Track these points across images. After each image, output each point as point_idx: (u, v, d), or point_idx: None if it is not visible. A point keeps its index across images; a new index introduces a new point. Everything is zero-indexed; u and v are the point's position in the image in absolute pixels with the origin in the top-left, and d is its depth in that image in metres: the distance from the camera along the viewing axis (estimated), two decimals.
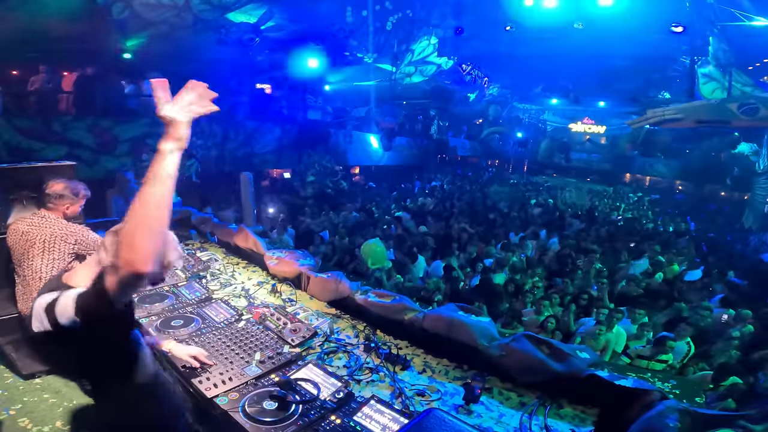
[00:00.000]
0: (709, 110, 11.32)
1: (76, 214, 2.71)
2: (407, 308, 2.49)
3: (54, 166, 3.20)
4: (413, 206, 11.49)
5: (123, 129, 9.18)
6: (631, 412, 1.71)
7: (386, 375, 2.10)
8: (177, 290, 2.88)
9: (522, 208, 12.42)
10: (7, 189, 2.92)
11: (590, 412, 1.90)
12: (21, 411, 2.48)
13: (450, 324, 2.29)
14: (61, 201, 2.57)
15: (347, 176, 14.43)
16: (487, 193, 15.25)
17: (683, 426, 1.47)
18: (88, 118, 8.74)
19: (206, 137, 10.88)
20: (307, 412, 1.75)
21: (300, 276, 3.13)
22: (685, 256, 8.18)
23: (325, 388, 1.91)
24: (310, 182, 12.42)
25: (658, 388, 1.80)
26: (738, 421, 1.46)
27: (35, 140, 8.05)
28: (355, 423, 1.71)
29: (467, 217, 10.19)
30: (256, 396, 1.83)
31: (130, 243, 1.04)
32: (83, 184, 2.73)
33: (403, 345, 2.41)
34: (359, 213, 9.92)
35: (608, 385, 1.84)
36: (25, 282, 2.53)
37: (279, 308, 2.62)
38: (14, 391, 2.62)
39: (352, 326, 2.60)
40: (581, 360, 2.00)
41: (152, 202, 1.07)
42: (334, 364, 2.18)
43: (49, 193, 2.55)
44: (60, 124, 8.37)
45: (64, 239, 2.48)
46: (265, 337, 2.32)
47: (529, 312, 5.24)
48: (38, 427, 2.37)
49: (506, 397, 2.01)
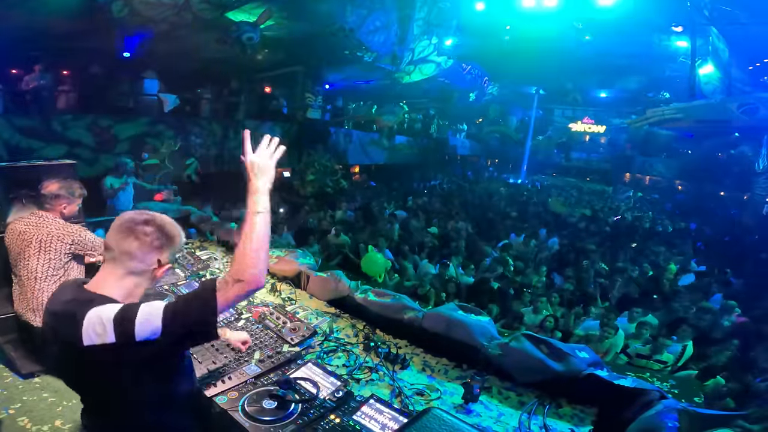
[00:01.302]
0: (709, 110, 11.33)
1: (74, 214, 2.69)
2: (406, 307, 2.49)
3: (54, 164, 3.20)
4: (412, 205, 11.49)
5: (122, 128, 9.17)
6: (629, 411, 1.72)
7: (385, 374, 2.10)
8: (176, 289, 2.88)
9: (521, 208, 12.43)
10: (6, 188, 2.91)
11: (589, 412, 1.90)
12: (20, 410, 2.48)
13: (449, 323, 2.29)
14: (57, 201, 2.55)
15: (347, 175, 14.43)
16: (487, 193, 15.26)
17: (682, 426, 1.48)
18: (87, 117, 8.73)
19: (206, 136, 10.88)
20: (306, 411, 1.75)
21: (299, 275, 3.13)
22: (684, 256, 8.20)
23: (325, 387, 1.91)
24: (310, 181, 12.41)
25: (657, 388, 1.80)
26: (736, 420, 1.46)
27: (35, 139, 8.04)
28: (354, 422, 1.71)
29: (466, 216, 10.20)
30: (256, 395, 1.83)
31: (255, 263, 1.25)
32: (79, 182, 2.72)
33: (402, 344, 2.41)
34: (355, 212, 9.91)
35: (607, 384, 1.84)
36: (21, 282, 2.52)
37: (278, 307, 2.62)
38: (14, 390, 2.62)
39: (351, 325, 2.60)
40: (580, 359, 2.00)
41: (264, 230, 1.30)
42: (333, 363, 2.18)
43: (45, 194, 2.53)
44: (59, 123, 8.36)
45: (61, 239, 2.47)
46: (265, 336, 2.32)
47: (528, 311, 5.25)
48: (38, 426, 2.38)
49: (505, 396, 2.01)
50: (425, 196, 13.33)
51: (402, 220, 9.25)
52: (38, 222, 2.49)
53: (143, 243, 1.30)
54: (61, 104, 8.97)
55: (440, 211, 10.88)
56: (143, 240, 1.30)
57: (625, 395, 1.78)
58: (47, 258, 2.45)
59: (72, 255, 2.53)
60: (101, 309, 1.19)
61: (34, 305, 2.47)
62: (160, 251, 1.33)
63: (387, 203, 11.55)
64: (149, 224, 1.32)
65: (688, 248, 8.93)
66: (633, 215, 13.64)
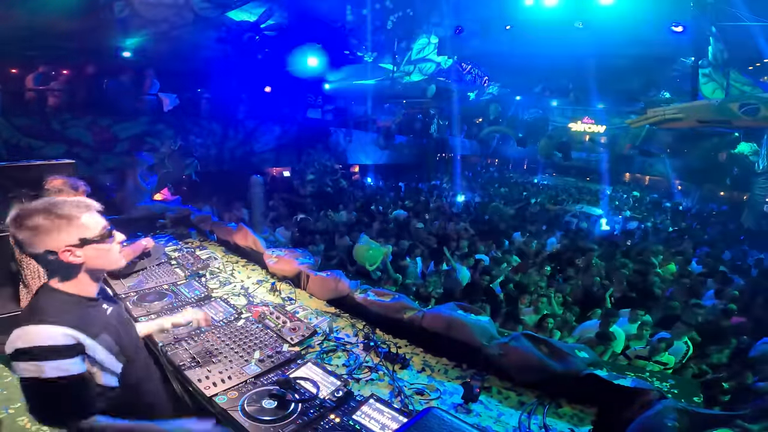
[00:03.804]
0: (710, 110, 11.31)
1: None
2: (406, 307, 2.49)
3: (53, 164, 3.20)
4: (411, 204, 11.49)
5: (122, 127, 9.17)
6: (629, 411, 1.72)
7: (385, 374, 2.10)
8: (176, 289, 2.89)
9: (521, 208, 12.44)
10: (6, 187, 2.91)
11: (589, 412, 1.90)
12: (20, 409, 2.48)
13: (449, 323, 2.29)
14: (60, 197, 2.55)
15: (347, 175, 14.43)
16: (486, 193, 15.27)
17: (681, 425, 1.48)
18: (87, 117, 8.72)
19: (206, 136, 10.87)
20: (306, 411, 1.75)
21: (299, 274, 3.13)
22: (683, 255, 8.20)
23: (325, 386, 1.91)
24: (310, 181, 12.42)
25: (657, 388, 1.80)
26: (735, 420, 1.46)
27: (34, 138, 8.04)
28: (354, 422, 1.71)
29: (466, 216, 10.20)
30: (256, 395, 1.83)
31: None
32: (83, 180, 2.72)
33: (402, 344, 2.41)
34: (356, 212, 9.91)
35: (607, 384, 1.84)
36: (25, 281, 2.53)
37: (278, 307, 2.62)
38: (14, 390, 2.63)
39: (351, 325, 2.61)
40: (580, 359, 2.00)
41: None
42: (333, 363, 2.18)
43: (48, 189, 2.53)
44: (59, 123, 8.36)
45: None
46: (265, 336, 2.32)
47: (528, 311, 5.25)
48: (37, 426, 2.38)
49: (505, 396, 2.01)
50: (425, 197, 13.33)
51: (402, 220, 9.25)
52: None
53: (40, 228, 1.37)
54: (61, 104, 8.96)
55: (440, 212, 10.88)
56: (39, 226, 1.37)
57: (625, 395, 1.79)
58: None
59: None
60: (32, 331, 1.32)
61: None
62: (54, 232, 1.37)
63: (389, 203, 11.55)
64: (39, 211, 1.38)
65: (688, 248, 8.93)
66: (632, 215, 13.66)
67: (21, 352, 1.29)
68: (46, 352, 1.29)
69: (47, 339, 1.30)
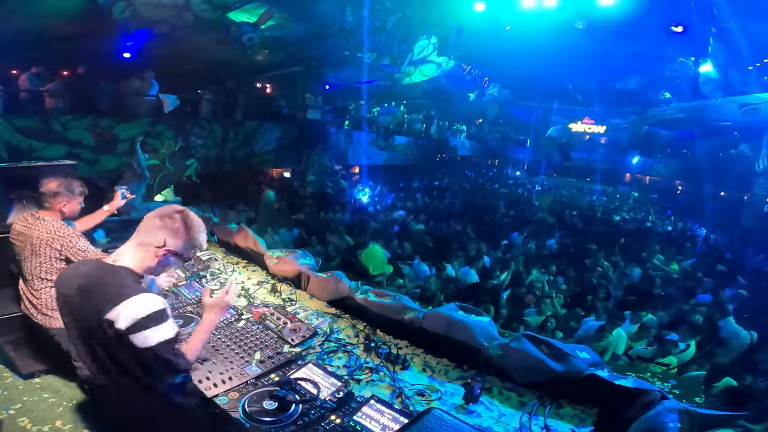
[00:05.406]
0: (710, 110, 11.32)
1: (75, 213, 2.67)
2: (407, 308, 2.49)
3: (54, 165, 3.20)
4: (411, 205, 11.49)
5: (123, 128, 9.16)
6: (630, 411, 1.71)
7: (386, 375, 2.10)
8: (177, 290, 2.88)
9: (521, 208, 12.43)
10: (6, 188, 2.91)
11: (590, 412, 1.90)
12: (20, 410, 2.47)
13: (450, 323, 2.29)
14: (56, 199, 2.52)
15: (347, 176, 14.43)
16: (486, 193, 15.26)
17: (683, 426, 1.47)
18: (87, 118, 8.72)
19: (206, 137, 10.86)
20: (306, 412, 1.75)
21: (300, 275, 3.13)
22: (683, 255, 8.20)
23: (325, 387, 1.91)
24: (310, 182, 12.42)
25: (658, 388, 1.80)
26: (737, 420, 1.46)
27: (35, 139, 8.02)
28: (354, 423, 1.71)
29: (467, 217, 10.19)
30: (256, 395, 1.83)
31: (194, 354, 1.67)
32: (79, 181, 2.69)
33: (402, 345, 2.41)
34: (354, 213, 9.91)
35: (608, 384, 1.84)
36: (23, 280, 2.54)
37: (279, 308, 2.62)
38: (14, 390, 2.62)
39: (351, 326, 2.60)
40: (581, 360, 2.00)
41: (204, 337, 1.78)
42: (333, 364, 2.18)
43: (44, 192, 2.50)
44: (59, 124, 8.35)
45: (50, 243, 2.42)
46: (265, 337, 2.32)
47: (530, 312, 5.24)
48: (38, 426, 2.37)
49: (506, 396, 2.01)
50: (425, 197, 13.33)
51: (401, 221, 9.25)
52: (34, 224, 2.46)
53: (164, 224, 1.58)
54: (61, 105, 8.96)
55: (440, 212, 10.88)
56: (165, 221, 1.58)
57: (626, 395, 1.78)
58: (38, 261, 2.43)
59: (65, 259, 2.47)
60: (139, 302, 1.43)
61: (35, 304, 2.48)
62: (171, 234, 1.58)
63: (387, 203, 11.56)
64: (179, 212, 1.63)
65: (688, 248, 8.92)
66: (632, 215, 13.65)
67: (145, 320, 1.41)
68: (159, 315, 1.45)
69: (155, 305, 1.45)
